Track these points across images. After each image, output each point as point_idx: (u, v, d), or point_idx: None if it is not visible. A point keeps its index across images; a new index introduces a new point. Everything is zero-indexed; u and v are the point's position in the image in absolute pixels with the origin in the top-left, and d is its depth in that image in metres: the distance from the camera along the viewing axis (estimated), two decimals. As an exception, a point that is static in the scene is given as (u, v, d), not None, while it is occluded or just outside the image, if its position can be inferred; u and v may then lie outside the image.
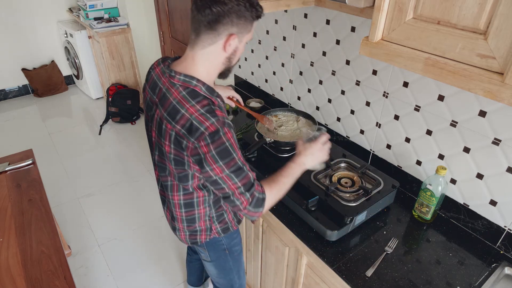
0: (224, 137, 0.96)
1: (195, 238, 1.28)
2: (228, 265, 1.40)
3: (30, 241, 1.36)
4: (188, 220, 1.22)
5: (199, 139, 0.94)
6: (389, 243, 1.24)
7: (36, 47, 4.24)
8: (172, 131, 0.99)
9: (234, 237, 1.35)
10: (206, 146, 0.95)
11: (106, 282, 2.16)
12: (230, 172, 0.99)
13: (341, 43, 1.55)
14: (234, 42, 1.00)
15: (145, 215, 2.63)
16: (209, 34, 0.98)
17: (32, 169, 1.75)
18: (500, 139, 1.13)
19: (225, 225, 1.27)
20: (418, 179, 1.43)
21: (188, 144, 0.96)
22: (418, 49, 0.90)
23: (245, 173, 1.02)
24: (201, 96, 1.00)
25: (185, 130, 0.96)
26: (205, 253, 1.35)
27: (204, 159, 0.96)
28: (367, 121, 1.56)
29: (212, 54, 1.02)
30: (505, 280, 1.16)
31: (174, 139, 0.99)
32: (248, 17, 0.98)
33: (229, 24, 0.96)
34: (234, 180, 1.00)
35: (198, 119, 0.95)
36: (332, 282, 1.22)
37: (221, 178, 1.00)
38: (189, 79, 1.01)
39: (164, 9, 3.08)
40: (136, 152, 3.34)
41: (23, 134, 3.63)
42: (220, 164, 0.97)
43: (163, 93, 1.04)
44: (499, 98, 0.77)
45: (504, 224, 1.20)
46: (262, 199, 1.06)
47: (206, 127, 0.94)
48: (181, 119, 0.97)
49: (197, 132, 0.94)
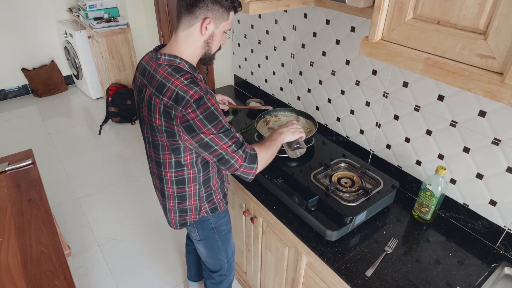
0: (209, 102, 1.05)
1: (185, 219, 1.34)
2: (217, 245, 1.46)
3: (30, 241, 1.36)
4: (179, 197, 1.28)
5: (185, 107, 1.03)
6: (389, 243, 1.24)
7: (36, 47, 4.24)
8: (160, 104, 1.07)
9: (221, 216, 1.41)
10: (193, 112, 1.04)
11: (106, 282, 2.16)
12: (219, 133, 1.08)
13: (341, 43, 1.55)
14: (210, 27, 1.11)
15: (145, 215, 2.63)
16: (187, 17, 1.10)
17: (32, 169, 1.75)
18: (500, 139, 1.13)
19: (213, 205, 1.35)
20: (418, 179, 1.43)
21: (177, 113, 1.05)
22: (418, 49, 0.90)
23: (233, 133, 1.12)
24: (184, 71, 1.10)
25: (172, 101, 1.05)
26: (195, 232, 1.42)
27: (194, 123, 1.05)
28: (367, 121, 1.56)
29: (191, 36, 1.12)
30: (505, 280, 1.16)
31: (163, 111, 1.07)
32: (223, 5, 1.09)
33: (204, 8, 1.07)
34: (224, 140, 1.09)
35: (183, 89, 1.04)
36: (332, 282, 1.22)
37: (212, 139, 1.07)
38: (173, 58, 1.11)
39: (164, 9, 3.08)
40: (136, 152, 3.34)
41: (23, 134, 3.62)
42: (209, 127, 1.06)
43: (151, 74, 1.14)
44: (499, 98, 0.77)
45: (504, 224, 1.20)
46: (255, 155, 1.16)
47: (191, 95, 1.03)
48: (167, 92, 1.06)
49: (183, 100, 1.03)
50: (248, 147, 1.16)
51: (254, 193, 1.47)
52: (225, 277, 1.59)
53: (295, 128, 1.35)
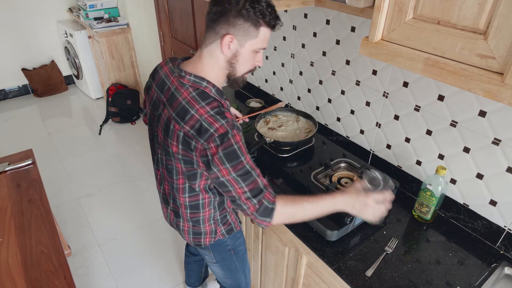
0: (233, 139, 0.95)
1: (199, 241, 1.27)
2: (234, 265, 1.40)
3: (30, 241, 1.36)
4: (194, 221, 1.21)
5: (208, 141, 0.94)
6: (389, 243, 1.24)
7: (36, 47, 4.24)
8: (180, 132, 0.98)
9: (238, 237, 1.35)
10: (215, 148, 0.94)
11: (106, 282, 2.16)
12: (237, 176, 0.97)
13: (341, 43, 1.55)
14: (233, 45, 0.98)
15: (145, 215, 2.63)
16: (210, 33, 0.99)
17: (32, 169, 1.75)
18: (500, 139, 1.13)
19: (229, 226, 1.27)
20: (418, 179, 1.43)
21: (197, 145, 0.95)
22: (418, 49, 0.90)
23: (253, 178, 0.99)
24: (211, 98, 0.99)
25: (194, 131, 0.95)
26: (210, 255, 1.34)
27: (212, 160, 0.95)
28: (367, 121, 1.56)
29: (213, 53, 1.01)
30: (505, 280, 1.16)
31: (183, 140, 0.98)
32: (248, 19, 0.94)
33: (226, 23, 0.95)
34: (240, 184, 0.98)
35: (207, 121, 0.94)
36: (332, 282, 1.22)
37: (228, 181, 0.98)
38: (199, 80, 1.00)
39: (164, 9, 3.08)
40: (136, 152, 3.34)
41: (23, 134, 3.62)
42: (227, 166, 0.95)
43: (172, 93, 1.03)
44: (499, 98, 0.76)
45: (504, 224, 1.20)
46: (271, 209, 1.01)
47: (215, 128, 0.93)
48: (190, 120, 0.96)
49: (207, 133, 0.94)
50: (266, 197, 1.00)
51: (254, 193, 1.47)
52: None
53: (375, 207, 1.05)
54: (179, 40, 3.03)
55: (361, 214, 1.06)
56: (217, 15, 0.95)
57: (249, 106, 2.07)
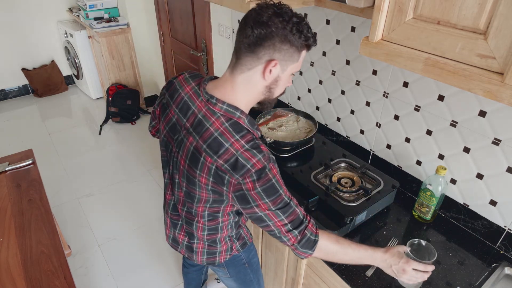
0: (270, 173, 0.90)
1: (213, 260, 1.23)
2: (249, 278, 1.36)
3: (30, 241, 1.36)
4: (210, 242, 1.17)
5: (244, 176, 0.89)
6: (389, 243, 1.24)
7: (36, 47, 4.24)
8: (212, 165, 0.92)
9: (251, 249, 1.32)
10: (252, 183, 0.89)
11: (106, 282, 2.16)
12: (276, 209, 0.92)
13: (341, 43, 1.55)
14: (276, 70, 0.91)
15: (145, 215, 2.63)
16: (248, 58, 0.90)
17: (32, 169, 1.75)
18: (500, 139, 1.13)
19: (242, 240, 1.24)
20: (418, 179, 1.43)
21: (231, 179, 0.90)
22: (418, 49, 0.90)
23: (292, 209, 0.95)
24: (245, 130, 0.93)
25: (229, 165, 0.89)
26: (224, 271, 1.30)
27: (249, 195, 0.90)
28: (367, 121, 1.56)
29: (251, 80, 0.93)
30: (505, 280, 1.16)
31: (215, 173, 0.92)
32: (294, 44, 0.89)
33: (271, 48, 0.87)
34: (280, 217, 0.93)
35: (244, 156, 0.89)
36: (332, 282, 1.22)
37: (267, 215, 0.93)
38: (233, 109, 0.94)
39: (164, 9, 3.08)
40: (136, 152, 3.34)
41: (23, 134, 3.62)
42: (266, 201, 0.91)
43: (199, 120, 0.95)
44: (499, 98, 0.76)
45: (504, 224, 1.20)
46: (314, 241, 0.97)
47: (252, 164, 0.88)
48: (224, 154, 0.90)
49: (243, 169, 0.88)
50: (309, 228, 0.97)
51: (254, 193, 1.47)
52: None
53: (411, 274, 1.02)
54: (179, 40, 3.04)
55: (397, 277, 1.05)
56: (261, 40, 0.87)
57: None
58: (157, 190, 2.86)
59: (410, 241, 1.07)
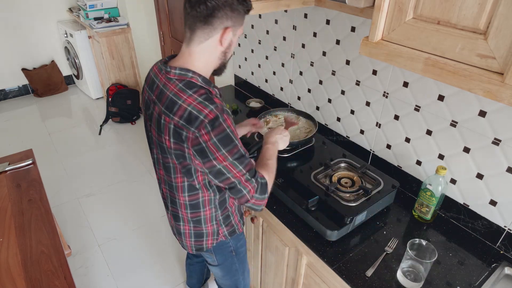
0: (225, 123, 0.95)
1: (201, 244, 1.26)
2: (235, 267, 1.40)
3: (30, 241, 1.36)
4: (195, 222, 1.20)
5: (199, 128, 0.93)
6: (389, 243, 1.24)
7: (36, 47, 4.24)
8: (170, 124, 0.98)
9: (240, 238, 1.35)
10: (207, 134, 0.93)
11: (106, 282, 2.16)
12: (233, 160, 0.98)
13: (341, 43, 1.55)
14: (229, 35, 1.02)
15: (145, 215, 2.63)
16: (205, 29, 0.99)
17: (32, 169, 1.75)
18: (500, 139, 1.13)
19: (231, 228, 1.27)
20: (418, 179, 1.43)
21: (188, 134, 0.95)
22: (418, 49, 0.90)
23: (248, 160, 1.02)
24: (198, 87, 1.00)
25: (183, 120, 0.95)
26: (212, 257, 1.34)
27: (207, 147, 0.95)
28: (367, 121, 1.56)
29: (208, 48, 1.02)
30: (505, 280, 1.16)
31: (174, 132, 0.98)
32: (241, 10, 1.00)
33: (224, 17, 0.98)
34: (239, 168, 0.99)
35: (196, 108, 0.94)
36: (332, 282, 1.22)
37: (225, 167, 0.98)
38: (185, 71, 1.01)
39: (164, 9, 3.08)
40: (136, 152, 3.34)
41: (23, 134, 3.62)
42: (223, 152, 0.96)
43: (160, 90, 1.04)
44: (499, 98, 0.76)
45: (504, 224, 1.20)
46: (265, 184, 1.06)
47: (205, 114, 0.93)
48: (178, 110, 0.96)
49: (197, 120, 0.93)
50: (259, 175, 1.06)
51: (254, 193, 1.47)
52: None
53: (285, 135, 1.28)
54: (179, 40, 3.04)
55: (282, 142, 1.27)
56: (214, 10, 0.96)
57: (249, 106, 2.07)
58: (157, 190, 2.86)
59: (410, 241, 1.08)
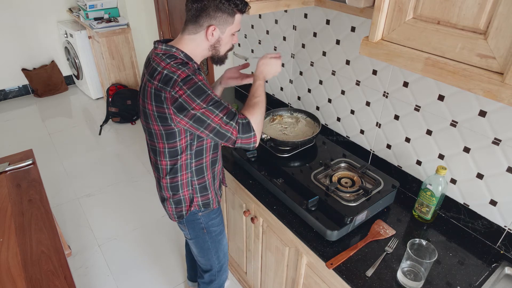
0: (196, 78, 1.08)
1: (181, 210, 1.34)
2: (206, 245, 1.46)
3: (30, 241, 1.36)
4: (172, 188, 1.29)
5: (174, 87, 1.06)
6: (389, 243, 1.24)
7: (36, 47, 4.24)
8: (152, 89, 1.10)
9: (212, 217, 1.41)
10: (182, 90, 1.06)
11: (106, 282, 2.16)
12: (209, 106, 1.08)
13: (341, 43, 1.55)
14: (216, 32, 1.14)
15: (145, 215, 2.63)
16: (193, 25, 1.14)
17: (32, 169, 1.75)
18: (500, 139, 1.13)
19: (206, 200, 1.35)
20: (418, 179, 1.43)
21: (166, 94, 1.07)
22: (418, 49, 0.90)
23: (224, 105, 1.11)
24: (178, 58, 1.13)
25: (161, 83, 1.08)
26: (186, 230, 1.42)
27: (183, 100, 1.06)
28: (367, 121, 1.56)
29: (195, 40, 1.16)
30: (505, 280, 1.16)
31: (154, 95, 1.09)
32: (226, 11, 1.11)
33: (207, 17, 1.11)
34: (215, 113, 1.09)
35: (171, 70, 1.08)
36: (332, 282, 1.22)
37: (203, 113, 1.08)
38: (169, 47, 1.14)
39: (164, 9, 3.08)
40: (136, 152, 3.34)
41: (23, 134, 3.62)
42: (198, 102, 1.07)
43: (149, 63, 1.17)
44: (499, 98, 0.77)
45: (504, 224, 1.20)
46: (247, 123, 1.14)
47: (178, 74, 1.07)
48: (157, 75, 1.09)
49: (171, 80, 1.06)
50: (240, 117, 1.14)
51: (254, 193, 1.47)
52: (215, 277, 1.58)
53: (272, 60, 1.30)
54: (179, 40, 3.03)
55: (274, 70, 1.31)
56: (199, 11, 1.10)
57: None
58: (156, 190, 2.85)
59: (410, 241, 1.08)
